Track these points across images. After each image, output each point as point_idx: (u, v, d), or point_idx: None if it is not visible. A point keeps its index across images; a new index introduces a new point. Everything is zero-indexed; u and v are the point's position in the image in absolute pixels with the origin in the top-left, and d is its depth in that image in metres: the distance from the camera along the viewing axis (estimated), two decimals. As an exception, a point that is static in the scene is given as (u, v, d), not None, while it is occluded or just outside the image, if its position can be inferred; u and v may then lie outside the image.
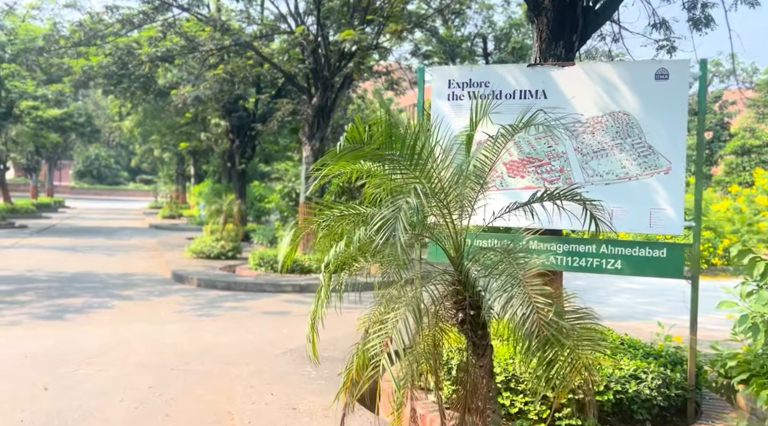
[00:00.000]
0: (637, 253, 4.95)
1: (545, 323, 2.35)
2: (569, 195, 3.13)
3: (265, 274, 12.67)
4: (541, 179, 5.19)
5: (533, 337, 2.38)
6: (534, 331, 2.36)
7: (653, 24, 7.01)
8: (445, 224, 3.05)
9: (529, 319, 2.37)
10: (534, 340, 2.41)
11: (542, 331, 2.35)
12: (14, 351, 6.83)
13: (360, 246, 2.81)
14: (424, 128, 2.99)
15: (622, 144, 4.99)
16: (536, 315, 2.36)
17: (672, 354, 5.11)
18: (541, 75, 5.15)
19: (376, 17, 12.65)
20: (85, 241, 19.50)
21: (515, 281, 2.54)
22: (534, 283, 2.51)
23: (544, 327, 2.34)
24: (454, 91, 5.41)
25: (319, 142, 13.68)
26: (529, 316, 2.37)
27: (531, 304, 2.40)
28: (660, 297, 11.85)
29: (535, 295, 2.44)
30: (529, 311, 2.38)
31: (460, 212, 3.09)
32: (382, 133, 2.86)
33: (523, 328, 2.40)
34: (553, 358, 2.51)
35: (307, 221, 3.24)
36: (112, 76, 15.69)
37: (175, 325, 8.35)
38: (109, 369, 6.27)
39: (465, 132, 3.37)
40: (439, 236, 3.09)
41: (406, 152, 2.90)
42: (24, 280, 11.61)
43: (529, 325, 2.37)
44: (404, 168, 2.97)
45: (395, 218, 2.54)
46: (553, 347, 2.49)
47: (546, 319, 2.36)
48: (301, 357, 6.36)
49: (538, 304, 2.39)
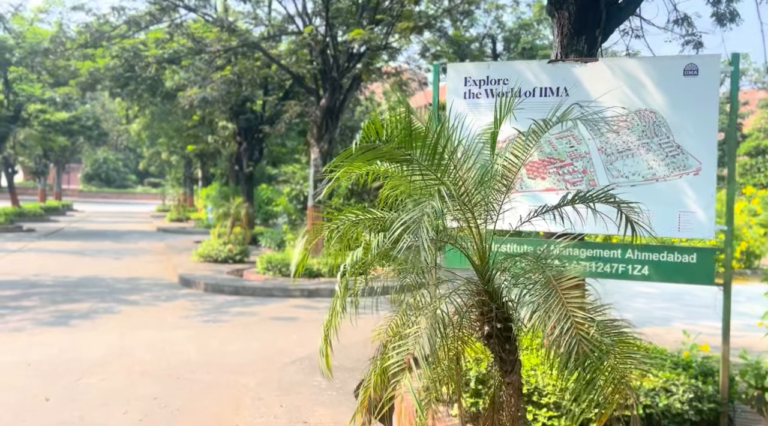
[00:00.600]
0: (665, 259, 4.69)
1: (585, 340, 2.12)
2: (603, 197, 2.89)
3: (273, 278, 12.47)
4: (563, 181, 4.95)
5: (572, 354, 2.15)
6: (573, 348, 2.12)
7: (675, 20, 6.75)
8: (468, 229, 2.81)
9: (568, 335, 2.14)
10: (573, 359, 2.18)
11: (582, 349, 2.12)
12: (17, 359, 6.65)
13: (378, 253, 2.58)
14: (446, 126, 2.76)
15: (648, 143, 4.74)
16: (575, 330, 2.13)
17: (701, 364, 4.86)
18: (563, 71, 4.91)
19: (386, 17, 12.44)
20: (92, 245, 19.38)
21: (550, 293, 2.31)
22: (571, 295, 2.28)
23: (584, 344, 2.11)
24: (471, 89, 5.18)
25: (327, 144, 13.47)
26: (568, 331, 2.14)
27: (569, 319, 2.17)
28: (676, 301, 11.55)
29: (574, 309, 2.21)
30: (568, 327, 2.15)
31: (485, 216, 2.86)
32: (401, 131, 2.63)
33: (561, 345, 2.17)
34: (593, 377, 2.28)
35: (320, 227, 3.01)
36: (118, 79, 15.56)
37: (181, 332, 8.15)
38: (113, 378, 6.07)
39: (488, 129, 3.13)
40: (462, 242, 2.85)
41: (427, 152, 2.67)
42: (29, 285, 11.46)
43: (567, 341, 2.14)
44: (425, 169, 2.75)
45: (418, 223, 2.31)
46: (593, 366, 2.25)
47: (587, 335, 2.13)
48: (311, 366, 6.14)
49: (577, 318, 2.16)
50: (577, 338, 2.13)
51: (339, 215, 2.94)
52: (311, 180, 13.65)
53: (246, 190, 20.78)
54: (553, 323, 2.21)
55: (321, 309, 10.08)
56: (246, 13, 15.60)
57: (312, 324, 8.91)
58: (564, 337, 2.16)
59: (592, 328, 2.15)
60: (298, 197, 17.74)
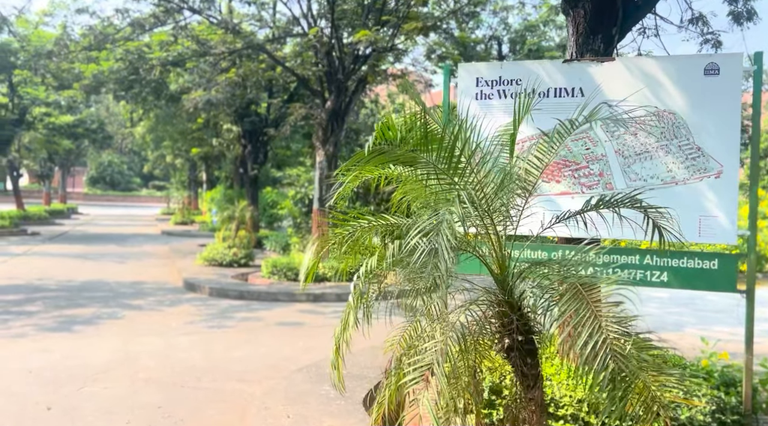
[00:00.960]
0: (685, 265, 4.53)
1: (621, 356, 1.97)
2: (629, 201, 2.74)
3: (279, 282, 12.33)
4: (579, 184, 4.80)
5: (607, 372, 2.00)
6: (608, 365, 1.98)
7: (690, 19, 6.59)
8: (487, 236, 2.66)
9: (602, 351, 1.99)
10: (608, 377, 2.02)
11: (618, 366, 1.97)
12: (19, 366, 6.52)
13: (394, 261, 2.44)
14: (464, 127, 2.62)
15: (667, 145, 4.59)
16: (610, 346, 1.98)
17: (723, 374, 4.69)
18: (578, 71, 4.77)
19: (392, 18, 12.30)
20: (96, 249, 19.29)
21: (581, 305, 2.16)
22: (605, 307, 2.13)
23: (619, 360, 1.96)
24: (483, 89, 5.04)
25: (333, 147, 13.34)
26: (602, 347, 1.99)
27: (603, 334, 2.02)
28: (688, 307, 11.36)
29: (608, 322, 2.06)
30: (601, 342, 2.00)
31: (504, 222, 2.71)
32: (416, 133, 2.48)
33: (594, 361, 2.02)
34: (624, 395, 2.13)
35: (331, 233, 2.87)
36: (123, 81, 15.47)
37: (185, 338, 8.01)
38: (116, 386, 5.94)
39: (506, 131, 2.98)
40: (481, 250, 2.70)
41: (443, 154, 2.52)
42: (33, 289, 11.35)
43: (601, 358, 1.99)
44: (441, 172, 2.60)
45: (437, 230, 2.16)
46: (625, 383, 2.10)
47: (623, 351, 1.98)
48: (318, 374, 5.99)
49: (612, 333, 2.02)
50: (612, 354, 1.98)
51: (352, 221, 2.80)
52: (316, 183, 13.52)
53: (251, 193, 20.67)
54: (585, 338, 2.06)
55: (327, 314, 9.94)
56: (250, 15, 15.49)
57: (318, 329, 8.76)
58: (598, 353, 2.01)
59: (629, 343, 2.00)
60: (303, 200, 17.60)
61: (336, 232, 2.95)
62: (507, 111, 4.77)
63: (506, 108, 4.86)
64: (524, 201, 2.69)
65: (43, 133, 28.65)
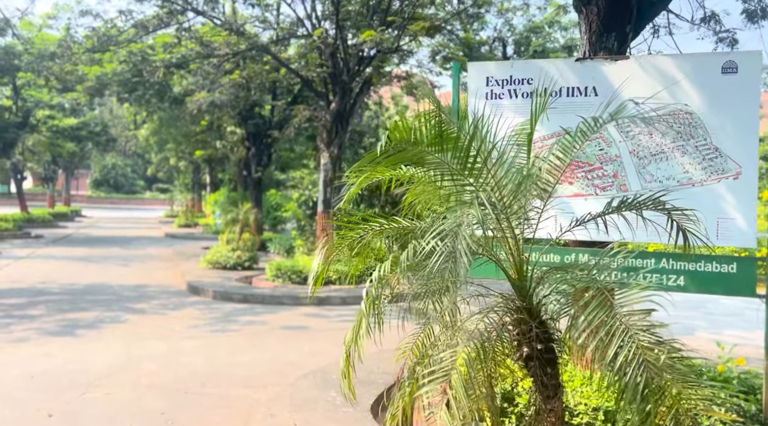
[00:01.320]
0: (702, 268, 4.40)
1: (655, 368, 1.85)
2: (652, 204, 2.62)
3: (283, 285, 12.22)
4: (592, 186, 4.68)
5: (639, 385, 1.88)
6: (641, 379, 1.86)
7: (702, 18, 6.47)
8: (504, 239, 2.55)
9: (634, 363, 1.87)
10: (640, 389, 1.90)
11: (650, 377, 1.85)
12: (20, 371, 6.42)
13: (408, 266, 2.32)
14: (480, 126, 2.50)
15: (684, 146, 4.47)
16: (642, 357, 1.86)
17: (742, 380, 4.56)
18: (591, 70, 4.65)
19: (397, 18, 12.21)
20: (100, 251, 19.22)
21: (609, 313, 2.04)
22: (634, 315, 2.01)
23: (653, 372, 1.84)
24: (493, 89, 4.93)
25: (337, 149, 13.24)
26: (634, 358, 1.88)
27: (634, 343, 1.91)
28: (699, 310, 11.21)
29: (639, 331, 1.94)
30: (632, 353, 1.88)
31: (522, 225, 2.60)
32: (431, 131, 2.37)
33: (624, 372, 1.90)
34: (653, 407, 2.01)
35: (340, 236, 2.76)
36: (126, 83, 15.40)
37: (189, 342, 7.90)
38: (119, 392, 5.83)
39: (522, 129, 2.87)
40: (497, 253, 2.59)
41: (459, 154, 2.41)
42: (36, 293, 11.27)
43: (633, 369, 1.87)
44: (456, 173, 2.48)
45: (455, 233, 2.05)
46: (656, 395, 1.98)
47: (657, 362, 1.86)
48: (324, 380, 5.87)
49: (644, 342, 1.90)
50: (645, 365, 1.86)
51: (363, 224, 2.68)
52: (321, 185, 13.41)
53: (254, 195, 20.58)
54: (614, 349, 1.94)
55: (332, 318, 9.83)
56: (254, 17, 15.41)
57: (324, 333, 8.65)
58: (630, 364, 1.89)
59: (663, 353, 1.88)
60: (307, 203, 17.50)
61: (345, 235, 2.84)
62: (518, 111, 4.65)
63: (517, 108, 4.75)
64: (543, 203, 2.58)
65: (47, 135, 28.66)
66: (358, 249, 2.84)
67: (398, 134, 2.38)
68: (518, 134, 2.89)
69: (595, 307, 2.11)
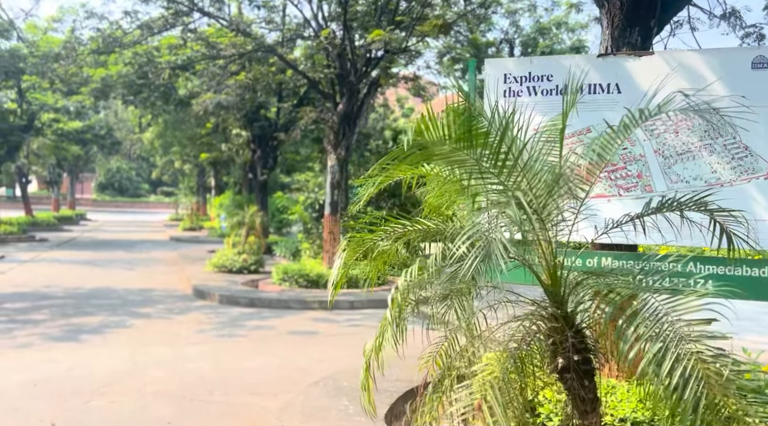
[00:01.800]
0: (731, 273, 4.21)
1: (718, 384, 1.68)
2: (693, 204, 2.44)
3: (290, 289, 12.06)
4: (615, 186, 4.50)
5: (700, 401, 1.70)
6: (702, 396, 1.68)
7: (722, 14, 6.29)
8: (537, 243, 2.37)
9: (693, 378, 1.70)
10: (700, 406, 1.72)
11: (711, 394, 1.68)
12: (23, 378, 6.27)
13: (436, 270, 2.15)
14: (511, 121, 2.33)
15: (712, 145, 4.29)
16: (703, 372, 1.69)
17: (773, 389, 4.36)
18: (614, 67, 4.48)
19: (406, 18, 12.05)
20: (104, 255, 19.10)
21: (663, 323, 1.86)
22: (692, 325, 1.84)
23: (714, 388, 1.67)
24: (511, 86, 4.75)
25: (344, 151, 13.07)
26: (694, 374, 1.70)
27: (693, 357, 1.73)
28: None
29: (696, 343, 1.77)
30: (691, 367, 1.71)
31: (555, 227, 2.42)
32: (460, 127, 2.20)
33: (683, 392, 1.73)
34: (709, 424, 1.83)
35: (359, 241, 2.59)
36: (131, 86, 15.29)
37: (195, 348, 7.74)
38: (124, 399, 5.67)
39: (553, 126, 2.70)
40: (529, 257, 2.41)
41: (490, 151, 2.23)
42: (40, 297, 11.13)
43: (693, 386, 1.70)
44: (486, 171, 2.31)
45: (489, 237, 1.87)
46: (713, 411, 1.80)
47: (720, 378, 1.69)
48: (335, 387, 5.70)
49: (705, 358, 1.73)
50: (706, 382, 1.69)
51: (385, 226, 2.51)
52: (328, 187, 13.25)
53: (260, 198, 20.45)
54: (670, 362, 1.77)
55: (341, 322, 9.65)
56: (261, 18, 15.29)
57: (332, 338, 8.48)
58: (688, 381, 1.72)
59: (725, 368, 1.71)
60: (313, 205, 17.33)
61: (364, 238, 2.67)
62: (538, 109, 4.48)
63: (537, 105, 4.57)
64: (580, 203, 2.41)
65: (52, 139, 28.59)
66: (378, 253, 2.67)
67: (425, 130, 2.21)
68: (548, 130, 2.72)
69: (646, 317, 1.93)
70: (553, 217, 2.35)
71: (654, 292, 2.05)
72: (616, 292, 2.12)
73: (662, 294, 2.06)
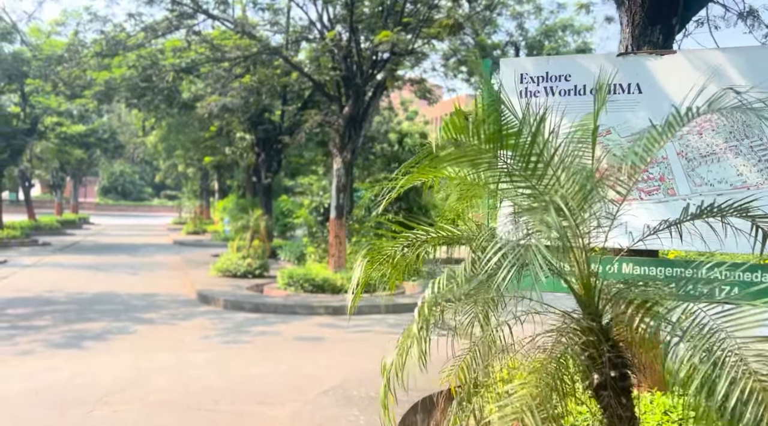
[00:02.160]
0: (758, 279, 4.05)
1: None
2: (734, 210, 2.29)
3: (295, 294, 11.90)
4: (636, 189, 4.33)
5: None
6: (763, 420, 1.54)
7: (739, 13, 6.14)
8: (570, 250, 2.22)
9: (752, 403, 1.55)
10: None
11: None
12: (24, 386, 6.12)
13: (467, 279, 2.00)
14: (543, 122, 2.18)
15: (737, 146, 4.13)
16: (763, 396, 1.54)
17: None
18: (635, 66, 4.32)
19: (413, 20, 11.92)
20: (107, 259, 18.97)
21: (716, 340, 1.70)
22: (749, 342, 1.69)
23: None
24: (528, 86, 4.60)
25: (350, 154, 12.93)
26: (752, 397, 1.55)
27: (752, 379, 1.58)
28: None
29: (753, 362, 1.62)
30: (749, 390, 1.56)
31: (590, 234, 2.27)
32: (489, 126, 2.05)
33: (741, 415, 1.58)
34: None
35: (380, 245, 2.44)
36: (135, 89, 15.18)
37: (200, 355, 7.59)
38: (127, 409, 5.52)
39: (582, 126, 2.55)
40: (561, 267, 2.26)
41: (522, 152, 2.08)
42: (42, 302, 10.99)
43: (753, 411, 1.55)
44: (515, 174, 2.16)
45: (526, 245, 1.72)
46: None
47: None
48: (344, 396, 5.54)
49: (762, 378, 1.58)
50: (765, 405, 1.54)
51: (406, 232, 2.36)
52: (334, 191, 13.10)
53: (264, 202, 20.31)
54: (725, 384, 1.62)
55: (348, 328, 9.49)
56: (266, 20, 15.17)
57: (340, 345, 8.32)
58: (745, 404, 1.57)
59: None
60: (318, 209, 17.18)
61: (384, 244, 2.52)
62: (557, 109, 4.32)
63: (555, 106, 4.41)
64: (617, 208, 2.26)
65: (55, 142, 28.51)
66: (398, 259, 2.52)
67: (453, 129, 2.06)
68: (579, 130, 2.57)
69: (696, 333, 1.78)
70: (588, 222, 2.20)
71: (702, 304, 1.90)
72: (662, 305, 1.97)
73: (715, 306, 1.91)
